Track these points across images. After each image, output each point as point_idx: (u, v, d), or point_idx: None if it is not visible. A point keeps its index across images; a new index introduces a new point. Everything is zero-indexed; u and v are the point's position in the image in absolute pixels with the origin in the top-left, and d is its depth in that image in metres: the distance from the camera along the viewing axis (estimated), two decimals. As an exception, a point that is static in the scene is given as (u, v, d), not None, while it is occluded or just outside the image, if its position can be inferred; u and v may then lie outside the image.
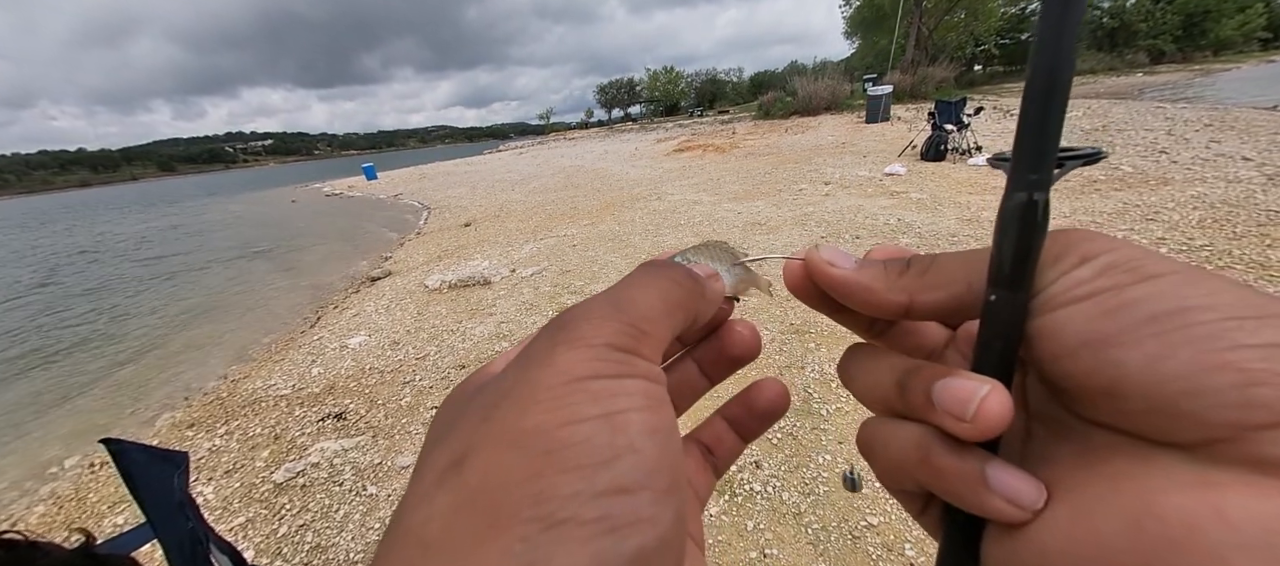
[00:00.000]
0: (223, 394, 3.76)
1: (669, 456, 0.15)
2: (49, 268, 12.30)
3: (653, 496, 0.14)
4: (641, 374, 0.17)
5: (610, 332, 0.17)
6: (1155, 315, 0.14)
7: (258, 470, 2.71)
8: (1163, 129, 8.37)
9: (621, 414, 0.15)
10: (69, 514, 2.68)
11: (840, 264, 0.22)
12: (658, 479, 0.14)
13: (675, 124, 37.25)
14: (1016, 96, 20.11)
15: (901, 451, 0.19)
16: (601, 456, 0.14)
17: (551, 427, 0.14)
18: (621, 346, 0.17)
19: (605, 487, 0.13)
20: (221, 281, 8.26)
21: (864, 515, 1.89)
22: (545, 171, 16.35)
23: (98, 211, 35.66)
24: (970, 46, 40.78)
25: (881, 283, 0.21)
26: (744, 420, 0.26)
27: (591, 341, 0.16)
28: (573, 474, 0.13)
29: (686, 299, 0.21)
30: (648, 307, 0.19)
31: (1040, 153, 0.17)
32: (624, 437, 0.14)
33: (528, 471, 0.13)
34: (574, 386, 0.15)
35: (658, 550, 0.13)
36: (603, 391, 0.15)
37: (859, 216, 5.60)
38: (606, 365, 0.16)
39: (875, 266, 0.22)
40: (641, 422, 0.15)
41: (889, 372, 0.21)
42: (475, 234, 8.03)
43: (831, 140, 12.83)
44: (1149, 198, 4.93)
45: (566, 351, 0.16)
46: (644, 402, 0.16)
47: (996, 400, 0.16)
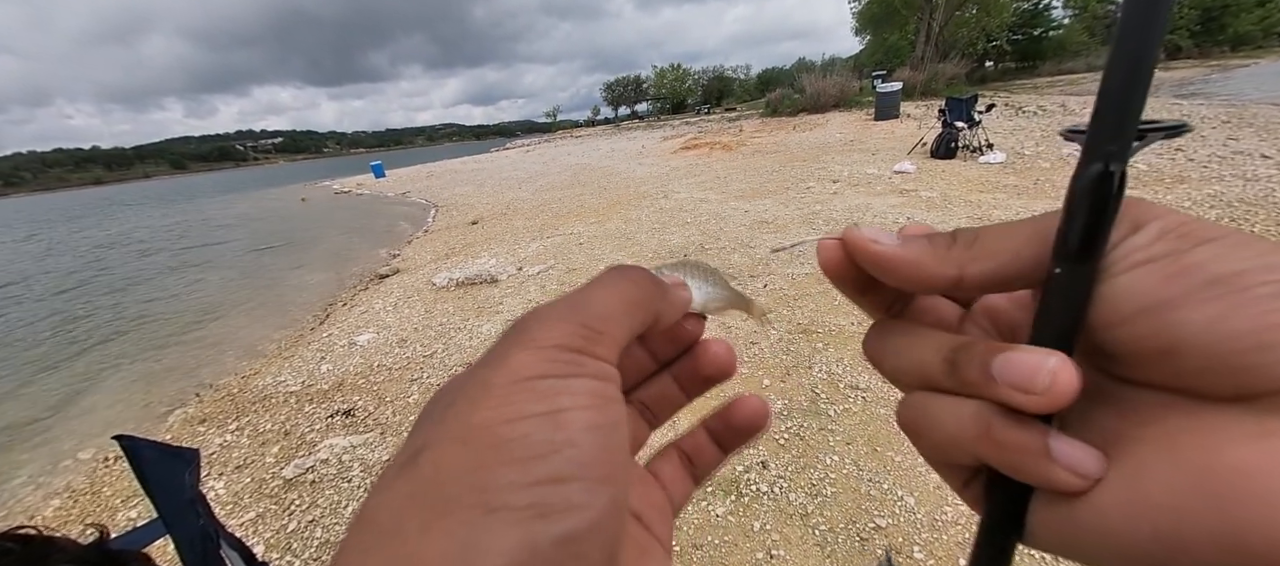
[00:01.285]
0: (234, 390, 3.81)
1: (608, 451, 0.16)
2: (82, 264, 12.51)
3: (585, 486, 0.15)
4: (589, 373, 0.17)
5: (562, 334, 0.18)
6: (1217, 277, 0.15)
7: (268, 466, 2.74)
8: (1179, 126, 8.22)
9: (564, 412, 0.16)
10: (84, 508, 2.73)
11: (883, 240, 0.22)
12: (593, 470, 0.15)
13: (682, 121, 37.15)
14: (1029, 93, 19.84)
15: (957, 426, 0.19)
16: (539, 450, 0.15)
17: (496, 424, 0.15)
18: (572, 347, 0.18)
19: (539, 478, 0.15)
20: (233, 278, 8.37)
21: (872, 517, 1.88)
22: (552, 169, 16.37)
23: (119, 208, 36.20)
24: (982, 43, 40.22)
25: (929, 256, 0.21)
26: (722, 434, 0.27)
27: (542, 343, 0.17)
28: (511, 466, 0.15)
29: (645, 299, 0.21)
30: (604, 307, 0.19)
31: (1121, 121, 0.17)
32: (563, 433, 0.15)
33: (471, 463, 0.15)
34: (521, 386, 0.16)
35: (588, 532, 0.15)
36: (548, 390, 0.16)
37: (867, 214, 5.55)
38: (555, 366, 0.17)
39: (920, 241, 0.21)
40: (582, 419, 0.16)
41: (933, 350, 0.20)
42: (482, 232, 8.06)
43: (840, 138, 12.74)
44: (1165, 196, 4.85)
45: (519, 352, 0.17)
46: (588, 401, 0.17)
47: (1068, 371, 0.16)
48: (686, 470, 0.27)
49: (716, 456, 0.27)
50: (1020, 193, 5.77)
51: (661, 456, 0.27)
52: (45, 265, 12.82)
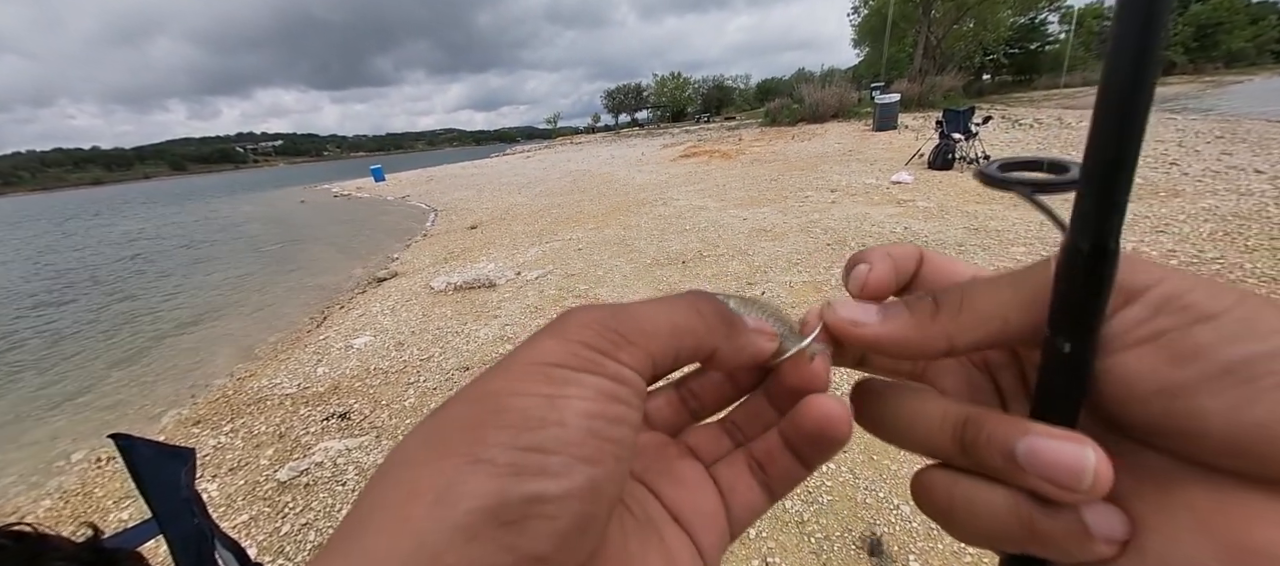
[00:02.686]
0: (229, 392, 3.79)
1: (598, 439, 0.17)
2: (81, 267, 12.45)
3: (564, 460, 0.16)
4: (605, 373, 0.18)
5: (592, 333, 0.19)
6: (1231, 365, 0.15)
7: (262, 468, 2.72)
8: (1173, 140, 8.30)
9: (564, 398, 0.17)
10: (76, 508, 2.70)
11: (864, 320, 0.22)
12: (576, 449, 0.16)
13: (682, 130, 37.33)
14: (1025, 106, 20.01)
15: (993, 520, 0.18)
16: (531, 423, 0.16)
17: (503, 393, 0.17)
18: (597, 347, 0.19)
19: (524, 444, 0.16)
20: (229, 280, 8.34)
21: (870, 525, 1.88)
22: (552, 175, 16.41)
23: (115, 210, 36.11)
24: (979, 56, 40.63)
25: (914, 331, 0.20)
26: (796, 442, 0.24)
27: (570, 337, 0.19)
28: (503, 429, 0.16)
29: (698, 330, 0.21)
30: (647, 321, 0.20)
31: (1113, 187, 0.15)
32: (556, 414, 0.17)
33: (473, 420, 0.17)
34: (537, 368, 0.18)
35: (558, 498, 0.16)
36: (558, 377, 0.18)
37: (865, 224, 5.58)
38: (574, 358, 0.18)
39: (902, 314, 0.21)
40: (579, 407, 0.17)
41: (937, 420, 0.20)
42: (481, 236, 8.06)
43: (838, 147, 12.81)
44: (1159, 210, 4.88)
45: (547, 340, 0.19)
46: (592, 395, 0.18)
47: (1107, 466, 0.16)
48: (756, 478, 0.24)
49: (793, 468, 0.24)
50: (1016, 204, 5.81)
51: (727, 461, 0.25)
52: (38, 267, 12.76)
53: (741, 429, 0.26)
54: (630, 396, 0.19)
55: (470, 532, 0.14)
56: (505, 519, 0.15)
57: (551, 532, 0.15)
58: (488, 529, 0.15)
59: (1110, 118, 0.15)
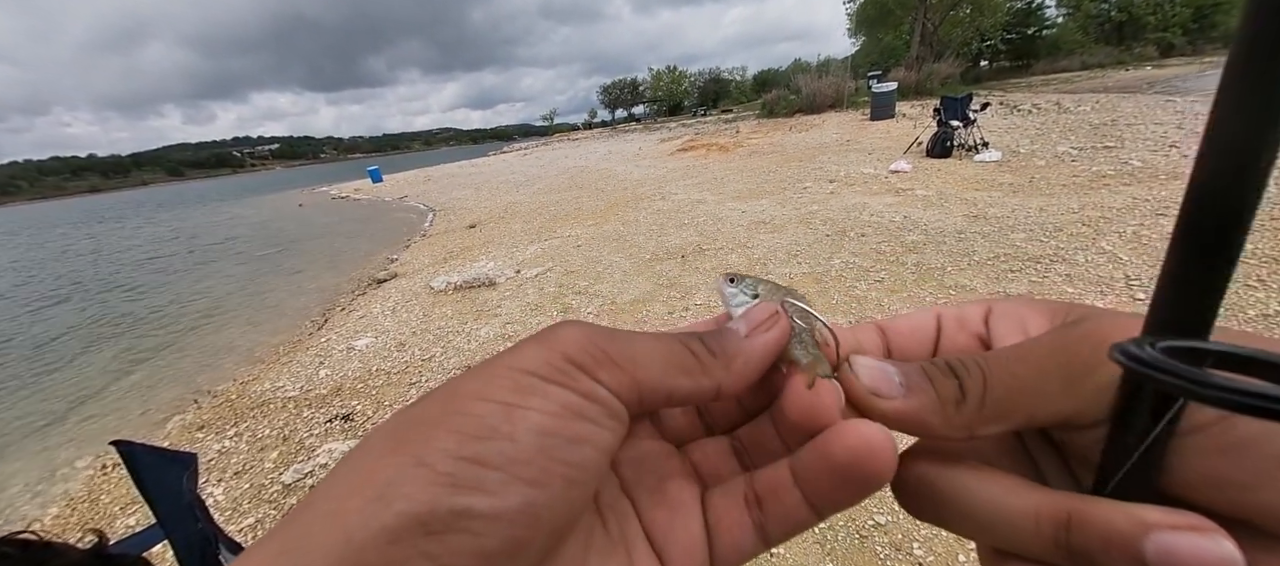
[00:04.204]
0: (232, 396, 3.80)
1: (547, 460, 0.16)
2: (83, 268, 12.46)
3: (503, 478, 0.16)
4: (577, 388, 0.18)
5: (574, 348, 0.18)
6: None
7: (267, 471, 2.73)
8: (1173, 123, 8.27)
9: (522, 409, 0.17)
10: (82, 515, 2.71)
11: (885, 391, 0.20)
12: (519, 468, 0.16)
13: (679, 124, 37.23)
14: (1023, 91, 19.93)
15: None
16: (480, 431, 0.16)
17: (469, 396, 0.17)
18: (576, 361, 0.18)
19: (466, 454, 0.16)
20: (230, 284, 8.34)
21: (872, 514, 1.88)
22: (549, 173, 16.38)
23: (113, 216, 36.05)
24: (976, 42, 40.44)
25: (938, 418, 0.19)
26: (815, 475, 0.20)
27: (552, 347, 0.18)
28: (453, 434, 0.16)
29: (694, 366, 0.20)
30: (639, 349, 0.19)
31: (1216, 256, 0.13)
32: (508, 425, 0.16)
33: (432, 420, 0.17)
34: (511, 373, 0.18)
35: (487, 517, 0.15)
36: (526, 386, 0.17)
37: (864, 214, 5.57)
38: (549, 370, 0.18)
39: (924, 391, 0.20)
40: (535, 422, 0.17)
41: (1026, 515, 0.17)
42: (480, 235, 8.06)
43: (836, 138, 12.77)
44: (1159, 192, 4.87)
45: (529, 347, 0.18)
46: (555, 409, 0.17)
47: (1242, 560, 0.15)
48: (751, 515, 0.21)
49: (797, 509, 0.20)
50: (1015, 190, 5.79)
51: (725, 490, 0.22)
52: (44, 273, 12.77)
53: (748, 452, 0.23)
54: (601, 416, 0.18)
55: (395, 535, 0.14)
56: (431, 528, 0.15)
57: (475, 550, 0.15)
58: (412, 534, 0.14)
59: (1220, 167, 0.12)
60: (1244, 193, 0.13)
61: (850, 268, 4.13)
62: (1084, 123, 9.77)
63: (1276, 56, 0.12)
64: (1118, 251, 3.69)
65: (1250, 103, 0.12)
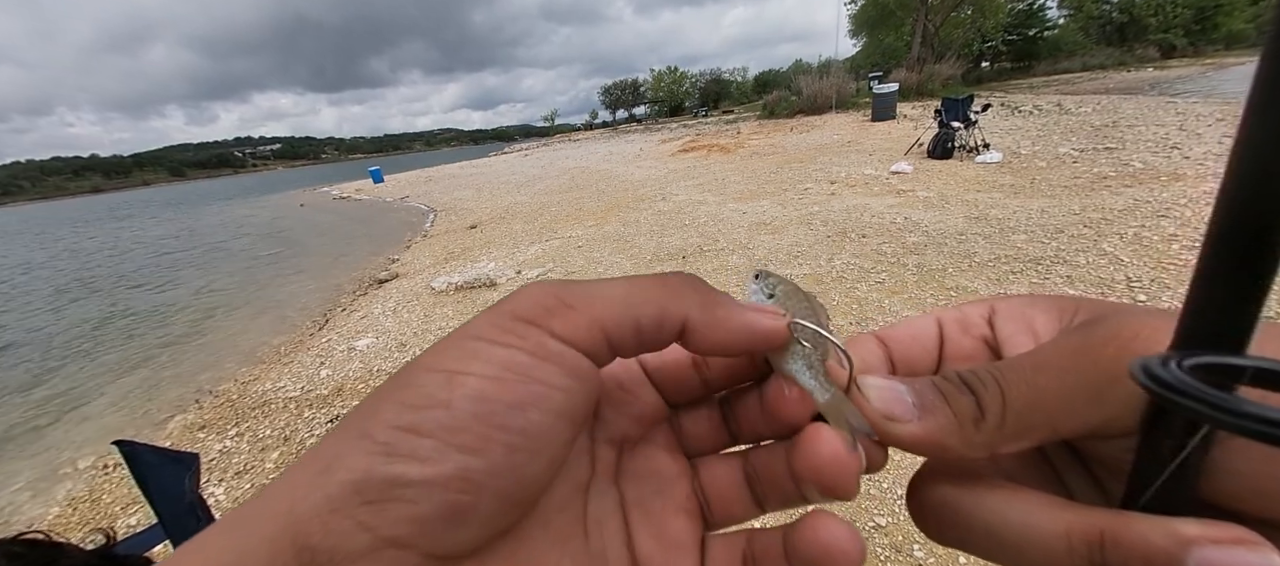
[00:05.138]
0: (233, 396, 3.81)
1: (485, 427, 0.16)
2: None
3: (438, 446, 0.16)
4: (525, 347, 0.17)
5: (525, 305, 0.18)
6: None
7: (268, 472, 2.74)
8: (1174, 124, 8.25)
9: (461, 375, 0.17)
10: (83, 515, 2.72)
11: (900, 414, 0.19)
12: (455, 436, 0.16)
13: (679, 124, 37.24)
14: (1025, 92, 19.91)
15: None
16: (419, 401, 0.16)
17: (420, 369, 0.17)
18: (526, 317, 0.18)
19: (403, 424, 0.16)
20: (231, 284, 8.35)
21: (872, 516, 1.88)
22: (550, 173, 16.39)
23: (113, 216, 36.14)
24: (977, 43, 40.44)
25: (957, 439, 0.18)
26: (796, 555, 0.20)
27: (502, 308, 0.18)
28: (394, 406, 0.16)
29: (660, 295, 0.19)
30: (599, 289, 0.19)
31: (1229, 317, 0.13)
32: (445, 393, 0.16)
33: (381, 395, 0.17)
34: (460, 342, 0.17)
35: (420, 484, 0.15)
36: (470, 352, 0.17)
37: (865, 215, 5.57)
38: (496, 331, 0.17)
39: (939, 411, 0.19)
40: (473, 388, 0.16)
41: (1057, 535, 0.16)
42: (481, 236, 8.07)
43: (837, 139, 12.77)
44: (1160, 194, 4.86)
45: (485, 313, 0.18)
46: (495, 372, 0.17)
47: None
48: (696, 503, 0.22)
49: (748, 507, 0.22)
50: (1017, 192, 5.79)
51: (725, 538, 0.22)
52: (46, 272, 12.80)
53: (761, 481, 0.22)
54: (554, 375, 0.17)
55: (335, 505, 0.15)
56: (367, 497, 0.15)
57: (411, 517, 0.15)
58: (350, 504, 0.15)
59: (1261, 162, 0.11)
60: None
61: (851, 269, 4.13)
62: (1085, 124, 9.76)
63: None
64: (1119, 253, 3.69)
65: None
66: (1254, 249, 0.12)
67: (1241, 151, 0.12)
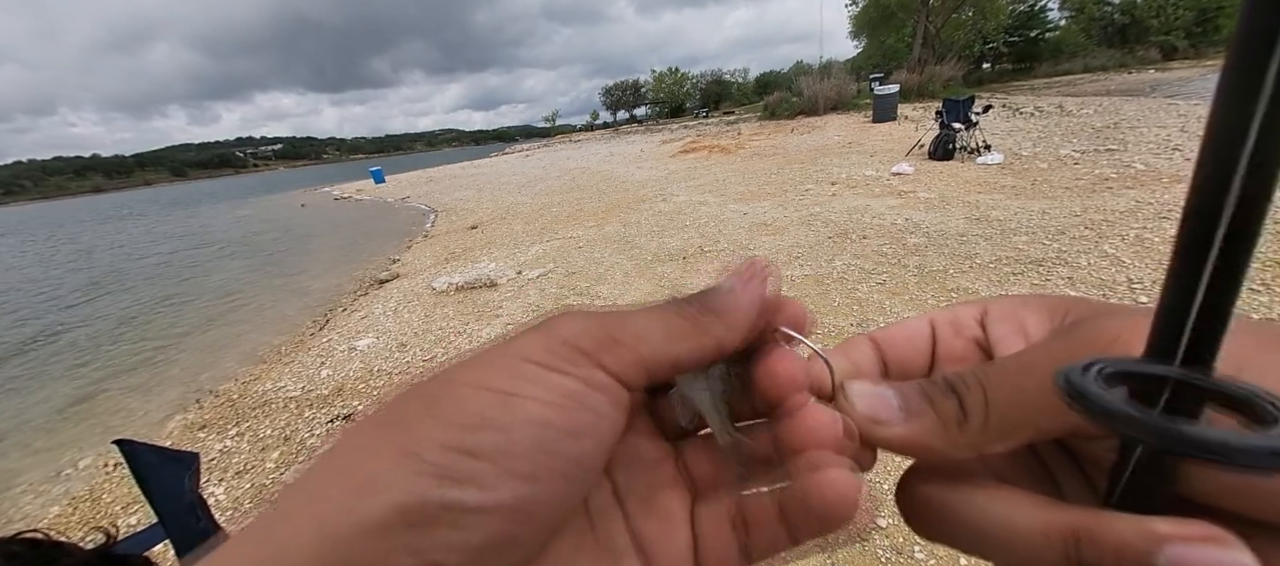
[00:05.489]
0: (234, 396, 3.81)
1: (544, 452, 0.16)
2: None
3: (496, 471, 0.15)
4: (578, 375, 0.17)
5: (576, 331, 0.18)
6: None
7: (268, 471, 2.74)
8: (1176, 125, 8.25)
9: (520, 398, 0.16)
10: (84, 514, 2.72)
11: (885, 417, 0.19)
12: (513, 462, 0.15)
13: (680, 125, 37.26)
14: (1026, 94, 19.90)
15: None
16: (473, 421, 0.16)
17: (465, 384, 0.16)
18: (577, 345, 0.18)
19: (457, 445, 0.15)
20: (232, 283, 8.36)
21: (873, 517, 1.88)
22: (551, 174, 16.40)
23: (113, 217, 36.19)
24: (978, 44, 40.40)
25: (942, 440, 0.19)
26: (794, 512, 0.21)
27: (553, 332, 0.18)
28: (444, 424, 0.15)
29: (690, 330, 0.20)
30: (639, 324, 0.19)
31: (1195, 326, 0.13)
32: (503, 416, 0.16)
33: (424, 407, 0.16)
34: (511, 362, 0.17)
35: (476, 513, 0.15)
36: (526, 374, 0.17)
37: (866, 216, 5.56)
38: (550, 357, 0.17)
39: (924, 414, 0.19)
40: (533, 412, 0.16)
41: (1034, 532, 0.16)
42: (482, 236, 8.07)
43: (838, 140, 12.77)
44: (1162, 196, 4.86)
45: (532, 335, 0.18)
46: (555, 398, 0.17)
47: None
48: (737, 536, 0.21)
49: (779, 536, 0.21)
50: (1018, 193, 5.79)
51: (713, 508, 0.22)
52: (47, 272, 12.81)
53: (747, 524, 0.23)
54: (603, 406, 0.18)
55: (380, 527, 0.14)
56: (416, 521, 0.14)
57: (462, 545, 0.14)
58: (397, 527, 0.14)
59: (1220, 174, 0.11)
60: (1250, 201, 0.12)
61: (852, 270, 4.12)
62: (1086, 125, 9.75)
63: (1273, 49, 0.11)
64: (1120, 255, 3.68)
65: (1248, 103, 0.11)
66: (1218, 253, 0.12)
67: (1204, 156, 0.12)
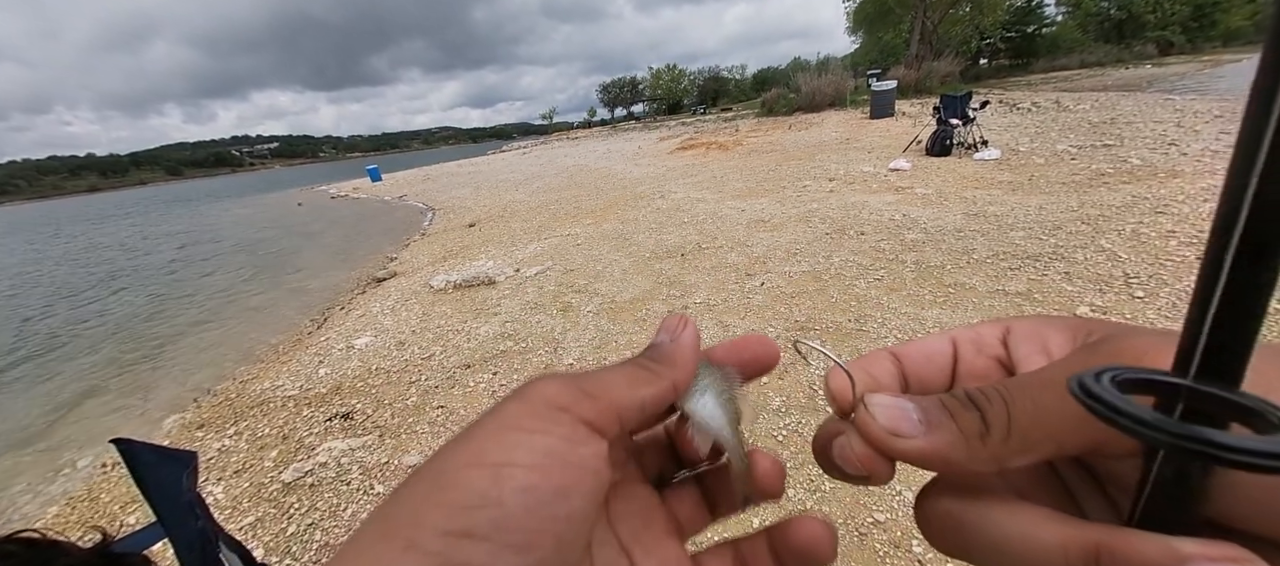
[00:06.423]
0: (231, 395, 3.80)
1: (537, 517, 0.16)
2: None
3: (492, 549, 0.15)
4: (559, 433, 0.18)
5: (553, 392, 0.19)
6: None
7: (266, 470, 2.73)
8: (1172, 121, 8.26)
9: (507, 467, 0.16)
10: (82, 514, 2.71)
11: (905, 430, 0.19)
12: (509, 534, 0.16)
13: (678, 122, 37.18)
14: (1023, 89, 19.92)
15: None
16: (469, 501, 0.16)
17: (459, 466, 0.17)
18: (556, 402, 0.18)
19: (456, 528, 0.15)
20: (229, 282, 8.33)
21: (871, 511, 1.89)
22: (548, 171, 16.37)
23: (111, 216, 35.98)
24: (976, 40, 40.38)
25: (964, 453, 0.18)
26: (782, 552, 0.23)
27: (533, 396, 0.19)
28: (442, 510, 0.16)
29: (651, 379, 0.21)
30: (608, 376, 0.21)
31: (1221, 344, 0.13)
32: (496, 490, 0.16)
33: (423, 497, 0.16)
34: (496, 433, 0.17)
35: None
36: (511, 443, 0.17)
37: (863, 212, 5.57)
38: (531, 420, 0.18)
39: (945, 426, 0.19)
40: (519, 479, 0.16)
41: (1053, 550, 0.16)
42: (479, 234, 8.05)
43: (835, 137, 12.77)
44: (1158, 191, 4.87)
45: (512, 403, 0.18)
46: (538, 461, 0.17)
47: None
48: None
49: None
50: (1014, 188, 5.80)
51: (714, 552, 0.24)
52: (43, 273, 12.75)
53: (714, 497, 0.25)
54: (587, 458, 0.18)
55: None
56: None
57: None
58: None
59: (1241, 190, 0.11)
60: (1275, 216, 0.11)
61: (849, 266, 4.13)
62: (1083, 121, 9.77)
63: None
64: (1117, 249, 3.70)
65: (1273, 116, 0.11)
66: (1246, 271, 0.12)
67: (1233, 171, 0.12)
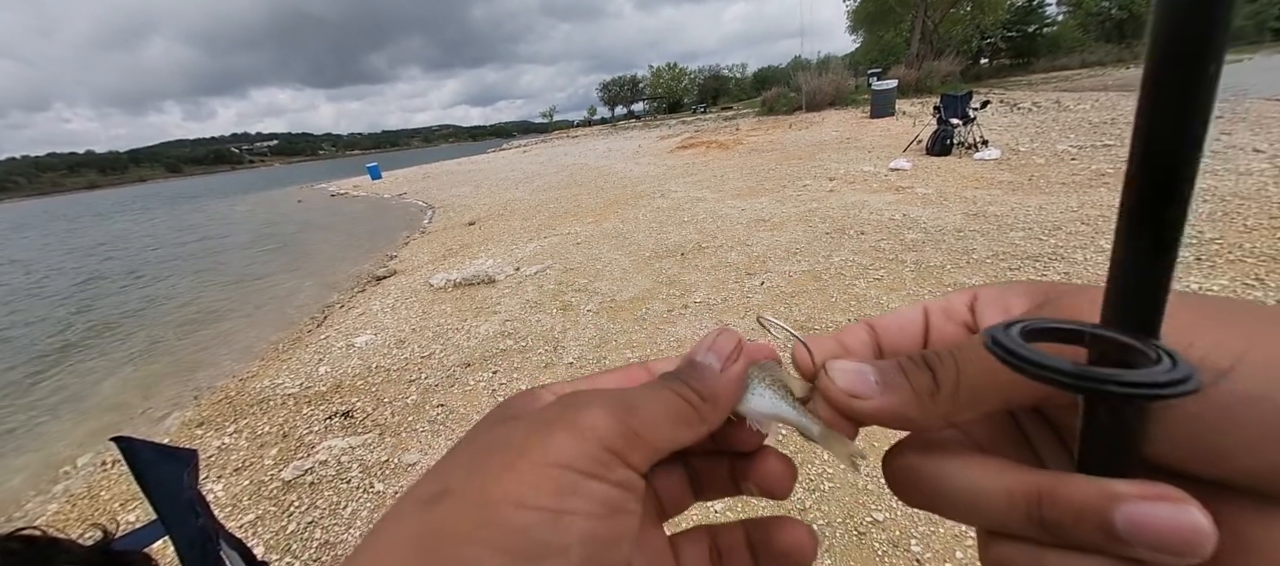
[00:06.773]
0: (231, 393, 3.80)
1: (591, 564, 0.16)
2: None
3: None
4: (613, 479, 0.18)
5: (607, 429, 0.18)
6: (1269, 431, 0.14)
7: (266, 468, 2.74)
8: (1172, 121, 8.25)
9: (569, 515, 0.16)
10: (82, 511, 2.72)
11: (862, 391, 0.21)
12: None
13: (678, 121, 37.17)
14: (1023, 89, 19.90)
15: None
16: (531, 549, 0.15)
17: (509, 503, 0.16)
18: (611, 446, 0.18)
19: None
20: (229, 280, 8.33)
21: (869, 511, 1.89)
22: (548, 170, 16.36)
23: (109, 215, 35.96)
24: (976, 40, 40.36)
25: (916, 409, 0.20)
26: (761, 548, 0.24)
27: (586, 433, 0.18)
28: (501, 553, 0.15)
29: (692, 416, 0.21)
30: (650, 413, 0.20)
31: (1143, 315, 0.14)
32: (559, 538, 0.16)
33: (471, 536, 0.15)
34: (548, 470, 0.17)
35: None
36: (568, 485, 0.16)
37: (864, 212, 5.57)
38: (587, 463, 0.17)
39: (899, 385, 0.20)
40: (583, 529, 0.16)
41: (1000, 494, 0.18)
42: (479, 232, 8.05)
43: (836, 136, 12.76)
44: (1158, 191, 4.87)
45: (562, 434, 0.17)
46: (598, 510, 0.17)
47: (1212, 523, 0.15)
48: (713, 560, 0.24)
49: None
50: (1015, 188, 5.80)
51: (689, 535, 0.25)
52: (41, 272, 12.74)
53: (701, 480, 0.25)
54: (634, 504, 0.18)
55: None
56: None
57: None
58: None
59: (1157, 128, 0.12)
60: (1170, 182, 0.13)
61: (849, 265, 4.13)
62: (1084, 121, 9.77)
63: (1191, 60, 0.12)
64: (1116, 250, 3.70)
65: (1169, 98, 0.12)
66: (1149, 229, 0.14)
67: (1133, 146, 0.13)
